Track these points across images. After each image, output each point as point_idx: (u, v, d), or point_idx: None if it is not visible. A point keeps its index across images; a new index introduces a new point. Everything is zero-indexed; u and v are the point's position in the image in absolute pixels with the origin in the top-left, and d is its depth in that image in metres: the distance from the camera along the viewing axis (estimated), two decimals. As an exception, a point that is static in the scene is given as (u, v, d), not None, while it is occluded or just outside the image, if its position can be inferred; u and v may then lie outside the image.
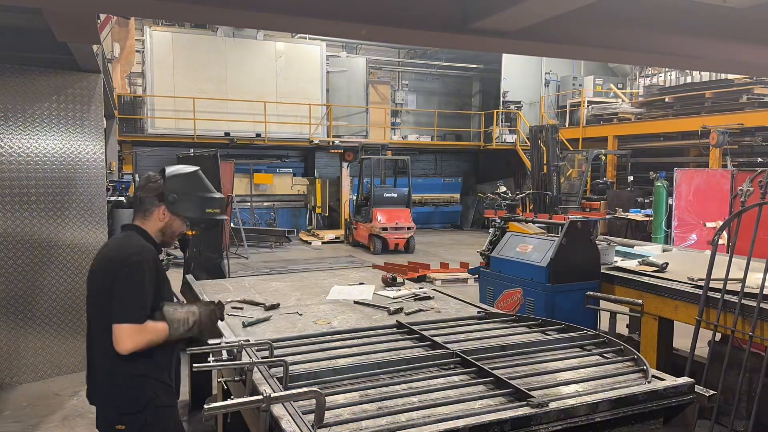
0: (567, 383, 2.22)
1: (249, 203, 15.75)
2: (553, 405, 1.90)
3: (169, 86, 14.84)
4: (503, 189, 15.66)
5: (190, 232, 7.19)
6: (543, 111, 18.01)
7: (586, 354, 2.61)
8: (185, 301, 2.57)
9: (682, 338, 4.53)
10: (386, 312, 3.30)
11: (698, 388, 2.16)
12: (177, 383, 2.48)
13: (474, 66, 20.00)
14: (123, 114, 13.96)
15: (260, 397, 1.81)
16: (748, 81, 11.60)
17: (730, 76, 11.99)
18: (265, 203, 16.62)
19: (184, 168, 2.45)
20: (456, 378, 2.28)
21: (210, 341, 2.20)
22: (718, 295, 3.57)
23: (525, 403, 1.94)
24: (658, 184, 10.39)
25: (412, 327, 2.90)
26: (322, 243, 14.66)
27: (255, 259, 12.14)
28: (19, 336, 4.98)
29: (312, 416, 1.84)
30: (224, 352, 2.29)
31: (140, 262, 2.21)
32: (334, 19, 2.62)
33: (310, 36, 15.79)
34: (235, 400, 1.83)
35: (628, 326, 5.26)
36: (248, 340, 2.32)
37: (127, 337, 2.14)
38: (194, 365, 2.11)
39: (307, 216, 17.14)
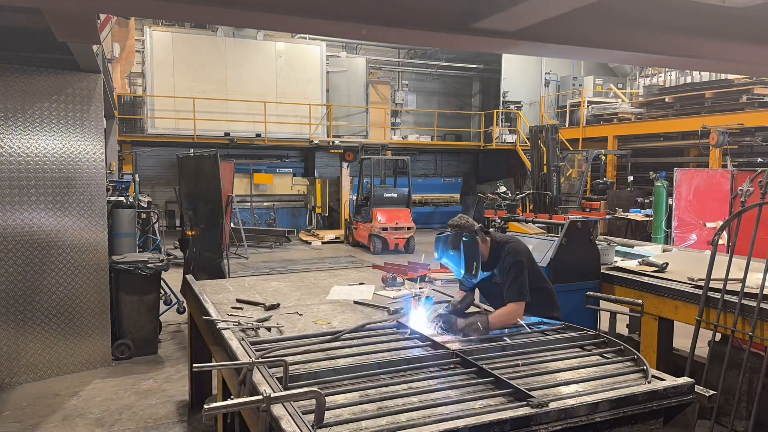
0: (567, 383, 2.22)
1: (249, 203, 15.74)
2: (553, 405, 1.90)
3: (169, 86, 14.83)
4: (503, 189, 15.67)
5: (189, 233, 7.19)
6: (543, 111, 18.00)
7: (586, 354, 2.61)
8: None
9: (682, 338, 4.53)
10: (386, 312, 3.30)
11: (698, 388, 2.16)
12: None
13: (474, 66, 19.99)
14: (123, 114, 13.95)
15: (260, 397, 1.81)
16: (748, 81, 11.59)
17: (730, 76, 11.98)
18: (265, 203, 16.61)
19: None
20: (456, 378, 2.28)
21: (217, 361, 2.15)
22: (718, 295, 3.57)
23: (525, 403, 1.94)
24: (658, 184, 10.39)
25: (413, 327, 2.90)
26: (322, 243, 14.65)
27: (255, 259, 12.14)
28: (19, 336, 4.98)
29: (312, 416, 1.84)
30: None
31: None
32: (334, 19, 2.62)
33: (310, 36, 15.79)
34: (235, 400, 1.83)
35: (628, 326, 5.26)
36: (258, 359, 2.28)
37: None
38: (194, 365, 2.11)
39: (307, 216, 17.14)
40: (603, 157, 14.36)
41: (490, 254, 3.19)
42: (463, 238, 3.04)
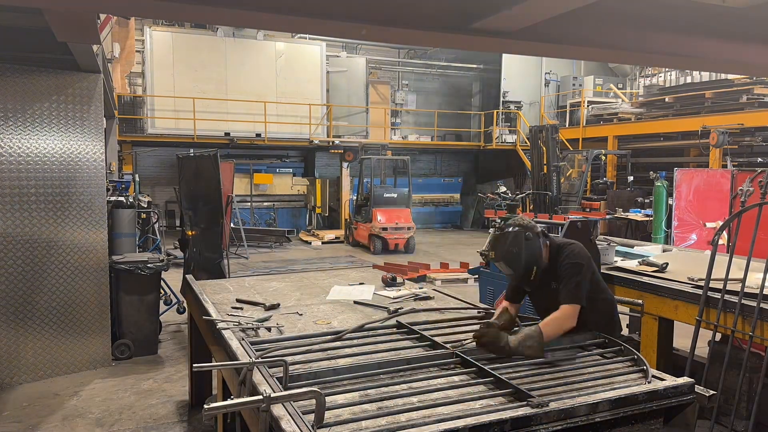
0: (567, 383, 2.22)
1: (249, 203, 15.75)
2: (553, 405, 1.90)
3: (169, 86, 14.83)
4: (503, 189, 15.69)
5: (190, 233, 7.19)
6: (543, 111, 18.00)
7: (586, 354, 2.61)
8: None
9: (682, 338, 4.53)
10: (386, 312, 3.30)
11: (698, 388, 2.16)
12: None
13: (474, 66, 19.98)
14: (123, 114, 13.95)
15: (260, 397, 1.81)
16: (748, 81, 11.59)
17: (730, 76, 11.99)
18: (265, 203, 16.62)
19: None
20: (456, 378, 2.28)
21: (217, 361, 2.16)
22: (718, 295, 3.57)
23: (525, 403, 1.94)
24: (658, 184, 10.38)
25: (412, 327, 2.90)
26: (322, 243, 14.66)
27: (255, 259, 12.14)
28: (19, 336, 4.98)
29: (312, 416, 1.84)
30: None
31: None
32: (334, 19, 2.62)
33: (310, 36, 15.78)
34: (235, 400, 1.83)
35: (628, 326, 5.26)
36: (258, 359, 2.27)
37: None
38: (194, 365, 2.11)
39: (307, 216, 17.14)
40: (603, 157, 14.36)
41: (549, 260, 2.86)
42: (526, 236, 2.76)
